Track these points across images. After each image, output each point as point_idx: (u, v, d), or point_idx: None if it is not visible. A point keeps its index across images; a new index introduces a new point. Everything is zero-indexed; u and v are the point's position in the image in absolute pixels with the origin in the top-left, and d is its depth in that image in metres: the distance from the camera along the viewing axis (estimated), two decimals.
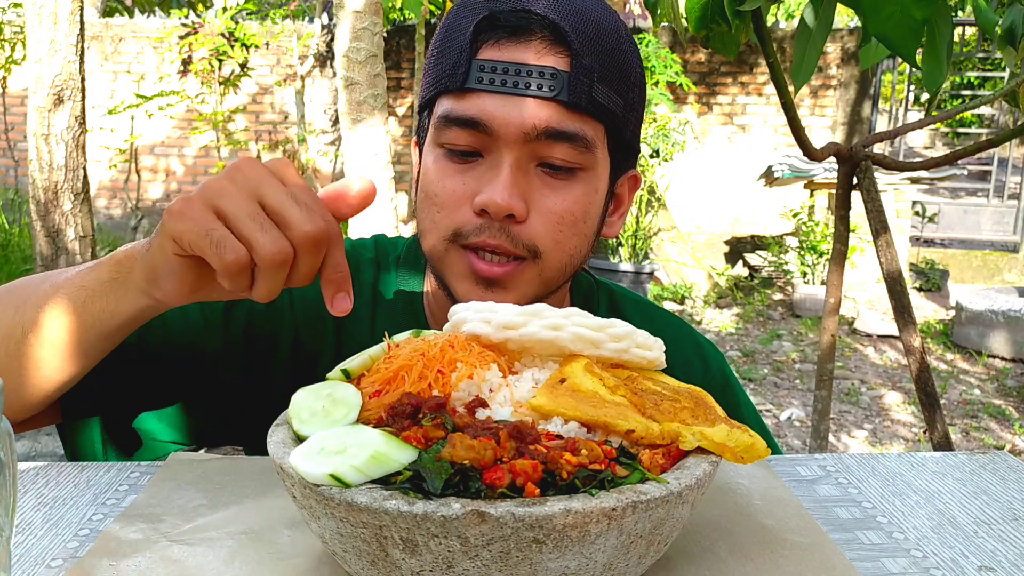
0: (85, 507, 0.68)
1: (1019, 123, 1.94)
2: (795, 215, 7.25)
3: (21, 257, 6.89)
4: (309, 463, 0.51)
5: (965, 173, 7.89)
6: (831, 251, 2.12)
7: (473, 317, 0.64)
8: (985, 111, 8.98)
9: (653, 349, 0.66)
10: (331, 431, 0.54)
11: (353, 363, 0.64)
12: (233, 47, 7.96)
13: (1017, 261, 7.79)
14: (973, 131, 9.25)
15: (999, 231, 8.27)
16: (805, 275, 6.84)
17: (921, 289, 7.12)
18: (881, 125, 8.36)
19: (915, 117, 7.61)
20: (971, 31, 7.75)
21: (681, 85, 7.04)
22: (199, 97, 8.09)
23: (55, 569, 0.59)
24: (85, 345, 0.76)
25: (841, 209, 2.07)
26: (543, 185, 0.84)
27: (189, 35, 7.97)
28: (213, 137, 8.06)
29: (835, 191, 3.10)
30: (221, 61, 8.00)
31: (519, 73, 0.80)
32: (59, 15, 3.79)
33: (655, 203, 6.99)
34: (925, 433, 2.90)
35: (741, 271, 7.96)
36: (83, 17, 3.92)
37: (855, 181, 2.02)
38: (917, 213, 7.68)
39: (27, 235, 6.91)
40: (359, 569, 0.53)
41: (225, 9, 8.04)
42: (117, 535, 0.62)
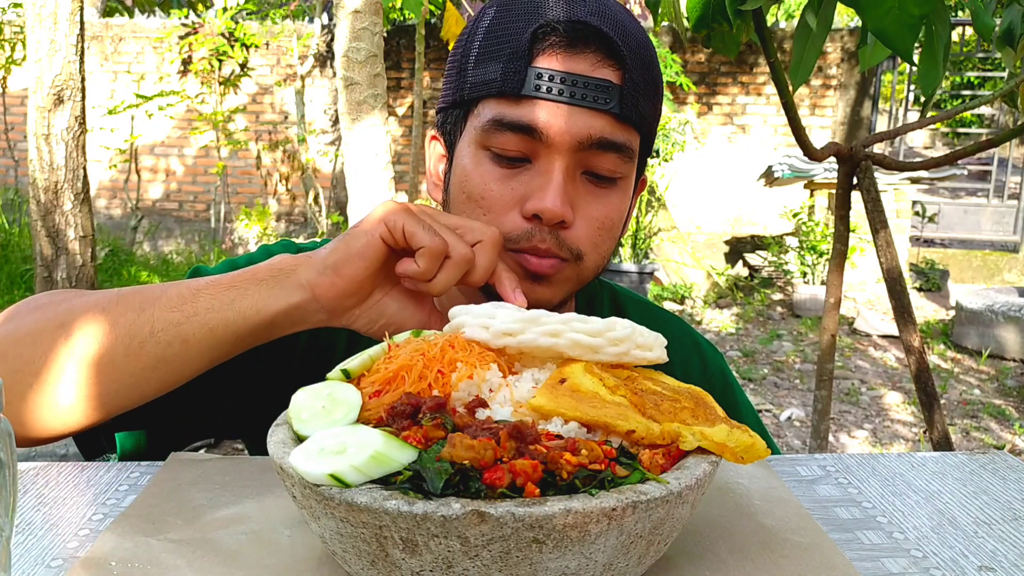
0: (85, 507, 0.68)
1: (1019, 123, 1.94)
2: (795, 215, 7.25)
3: (21, 257, 6.89)
4: (309, 463, 0.51)
5: (965, 173, 7.89)
6: (831, 251, 2.12)
7: (472, 322, 0.64)
8: (985, 111, 8.98)
9: (653, 348, 0.66)
10: (331, 431, 0.54)
11: (353, 363, 0.64)
12: (233, 47, 7.96)
13: (1017, 261, 7.80)
14: (973, 131, 9.26)
15: (999, 231, 8.27)
16: (805, 275, 6.84)
17: (921, 289, 7.12)
18: (881, 125, 8.37)
19: (915, 117, 7.61)
20: (971, 31, 7.75)
21: (681, 85, 7.05)
22: (199, 97, 8.09)
23: (55, 569, 0.59)
24: (219, 342, 0.77)
25: (841, 209, 2.07)
26: (587, 192, 0.87)
27: (189, 35, 7.97)
28: (213, 137, 8.06)
29: (835, 191, 3.10)
30: (221, 61, 8.00)
31: (576, 84, 0.82)
32: (59, 15, 3.79)
33: (655, 203, 6.99)
34: (925, 433, 2.90)
35: (741, 271, 7.96)
36: (83, 17, 3.92)
37: (855, 181, 2.02)
38: (917, 213, 7.68)
39: (27, 235, 6.91)
40: (359, 569, 0.53)
41: (225, 9, 8.03)
42: (117, 535, 0.62)
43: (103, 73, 8.21)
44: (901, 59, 1.36)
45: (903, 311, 2.01)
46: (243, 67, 8.11)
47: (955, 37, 7.62)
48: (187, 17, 8.45)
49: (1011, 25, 1.66)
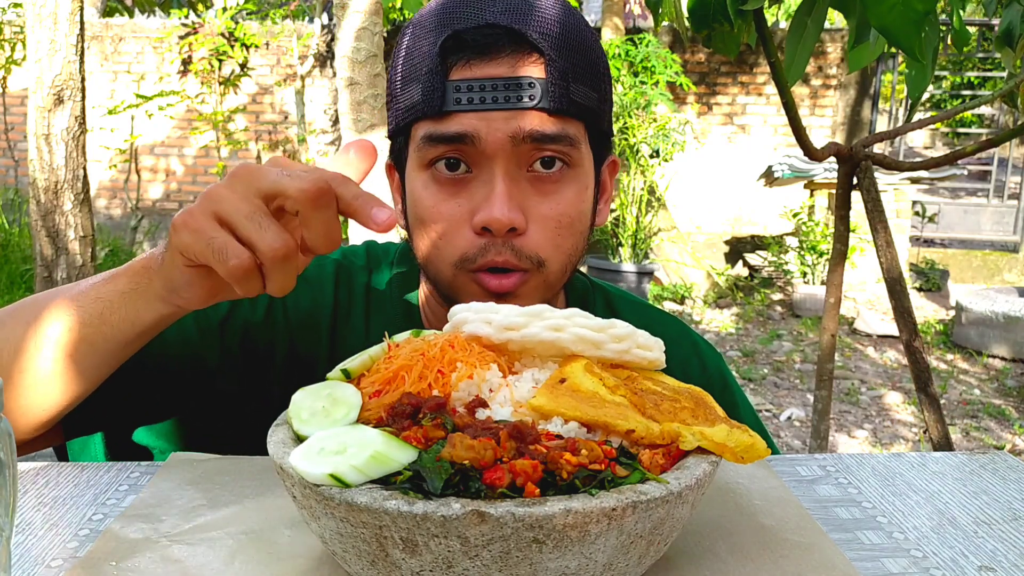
0: (85, 507, 0.68)
1: (1019, 123, 1.94)
2: (795, 215, 7.25)
3: (21, 257, 6.89)
4: (309, 463, 0.51)
5: (965, 173, 7.89)
6: (831, 251, 2.12)
7: (474, 318, 0.64)
8: (985, 111, 8.98)
9: (653, 349, 0.66)
10: (331, 431, 0.54)
11: (353, 363, 0.64)
12: (233, 47, 7.95)
13: (1017, 261, 7.79)
14: (973, 131, 9.25)
15: (999, 231, 8.27)
16: (805, 275, 6.84)
17: (921, 289, 7.12)
18: (881, 125, 8.36)
19: (916, 117, 7.61)
20: (971, 31, 7.74)
21: (681, 85, 7.04)
22: (199, 97, 8.09)
23: (55, 569, 0.59)
24: (103, 355, 0.76)
25: (841, 209, 2.07)
26: (536, 192, 0.84)
27: (189, 35, 7.96)
28: (213, 137, 8.06)
29: (835, 191, 3.10)
30: (221, 61, 7.99)
31: (496, 88, 0.80)
32: (59, 15, 3.79)
33: (655, 203, 6.98)
34: (925, 433, 2.90)
35: (741, 271, 7.96)
36: (83, 17, 3.92)
37: (855, 181, 2.02)
38: (917, 213, 7.68)
39: (27, 235, 6.91)
40: (359, 569, 0.53)
41: (225, 9, 8.03)
42: (117, 535, 0.62)
43: (103, 73, 8.20)
44: (905, 55, 1.36)
45: (903, 311, 2.01)
46: (243, 67, 8.11)
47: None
48: (187, 17, 8.44)
49: (1010, 25, 1.66)
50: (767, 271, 7.71)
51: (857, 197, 2.06)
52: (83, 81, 3.94)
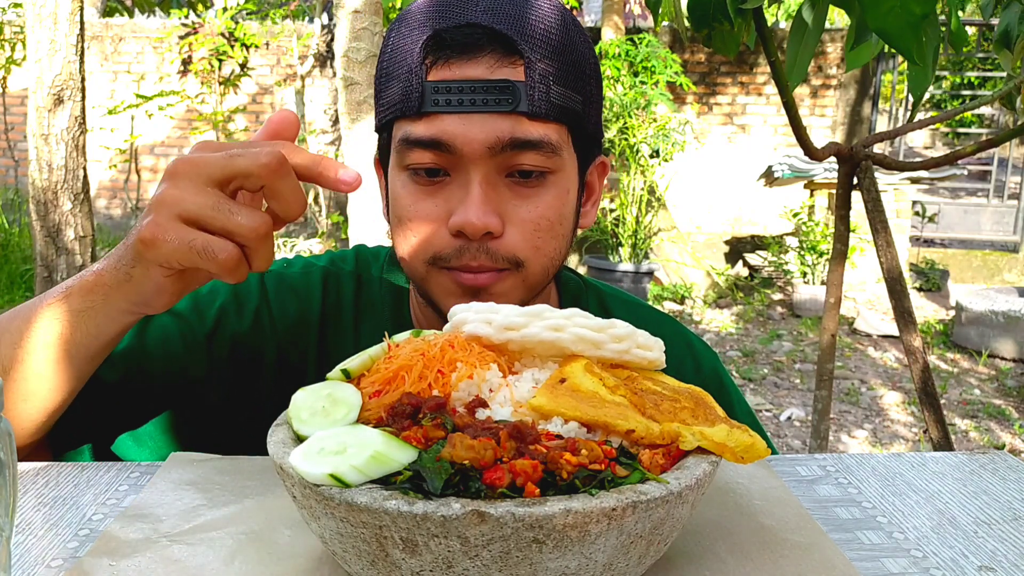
0: (85, 507, 0.68)
1: (1019, 123, 1.94)
2: (795, 215, 7.25)
3: (21, 257, 6.89)
4: (309, 463, 0.51)
5: (965, 173, 7.89)
6: (831, 251, 2.12)
7: (474, 318, 0.64)
8: (985, 111, 8.98)
9: (653, 349, 0.66)
10: (331, 431, 0.54)
11: (353, 363, 0.64)
12: (233, 47, 7.95)
13: (1017, 261, 7.79)
14: (973, 131, 9.25)
15: (999, 231, 8.27)
16: (805, 275, 6.84)
17: (921, 289, 7.12)
18: (881, 125, 8.36)
19: (916, 117, 7.61)
20: (971, 31, 7.75)
21: (681, 85, 7.05)
22: (199, 97, 8.09)
23: (55, 569, 0.59)
24: (70, 371, 0.76)
25: (841, 209, 2.07)
26: (514, 196, 0.84)
27: (189, 35, 7.97)
28: (213, 137, 8.06)
29: (835, 191, 3.10)
30: (221, 61, 8.00)
31: (474, 90, 0.79)
32: (59, 15, 3.79)
33: (655, 203, 6.99)
34: (925, 433, 2.90)
35: (741, 271, 7.96)
36: (83, 17, 3.92)
37: (855, 181, 2.02)
38: (917, 213, 7.68)
39: (27, 235, 6.91)
40: (359, 569, 0.53)
41: (225, 9, 8.03)
42: (117, 535, 0.62)
43: (103, 73, 8.20)
44: (903, 57, 1.36)
45: (903, 311, 2.01)
46: (243, 67, 8.11)
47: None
48: (187, 17, 8.45)
49: (1008, 27, 1.66)
50: (767, 271, 7.71)
51: (857, 197, 2.07)
52: (83, 81, 3.94)
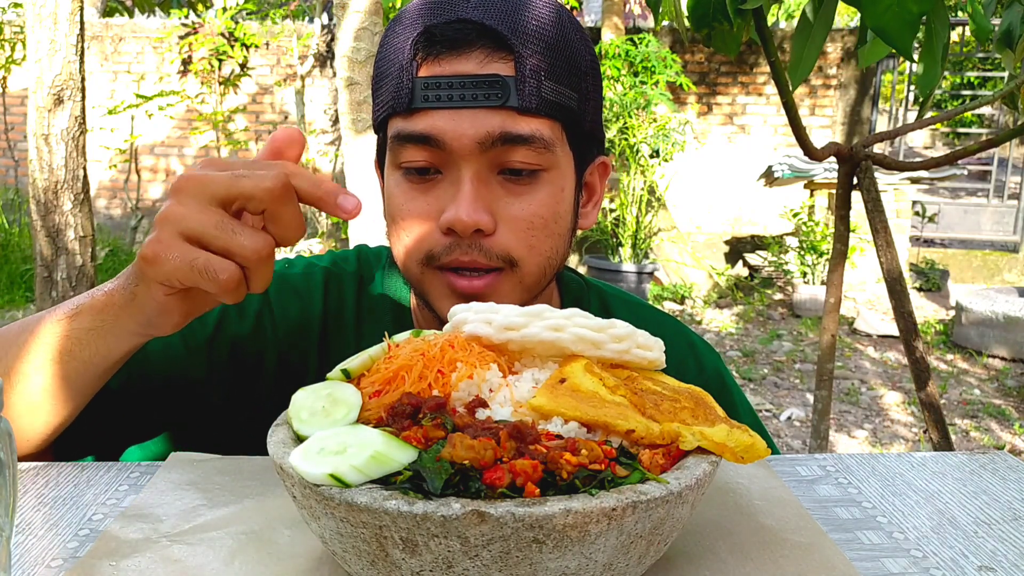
0: (85, 507, 0.68)
1: (1019, 123, 1.94)
2: (795, 215, 7.25)
3: (21, 257, 6.89)
4: (309, 463, 0.51)
5: (965, 173, 7.89)
6: (831, 251, 2.12)
7: (474, 318, 0.64)
8: (985, 111, 8.97)
9: (653, 349, 0.66)
10: (331, 431, 0.54)
11: (353, 363, 0.64)
12: (233, 47, 7.95)
13: (1017, 261, 7.79)
14: (973, 131, 9.25)
15: (999, 231, 8.26)
16: (805, 275, 6.84)
17: (921, 289, 7.12)
18: (881, 125, 8.36)
19: (915, 117, 7.60)
20: (970, 30, 7.73)
21: (681, 85, 7.05)
22: (199, 97, 8.09)
23: (55, 569, 0.59)
24: (77, 388, 0.76)
25: (841, 209, 2.07)
26: (506, 193, 0.83)
27: (189, 35, 7.97)
28: (213, 137, 8.06)
29: (835, 191, 3.10)
30: (221, 61, 7.99)
31: (464, 86, 0.79)
32: (59, 15, 3.79)
33: (655, 203, 6.99)
34: (925, 433, 2.90)
35: (741, 271, 7.96)
36: (83, 17, 3.92)
37: (855, 181, 2.02)
38: (917, 213, 7.68)
39: (27, 235, 6.91)
40: (359, 569, 0.53)
41: (225, 9, 8.03)
42: (117, 535, 0.62)
43: (103, 73, 8.20)
44: (901, 56, 1.36)
45: (903, 311, 2.01)
46: (243, 67, 8.11)
47: (955, 37, 7.62)
48: (187, 17, 8.45)
49: (1010, 27, 1.66)
50: (767, 271, 7.71)
51: (857, 197, 2.07)
52: (83, 81, 3.94)
